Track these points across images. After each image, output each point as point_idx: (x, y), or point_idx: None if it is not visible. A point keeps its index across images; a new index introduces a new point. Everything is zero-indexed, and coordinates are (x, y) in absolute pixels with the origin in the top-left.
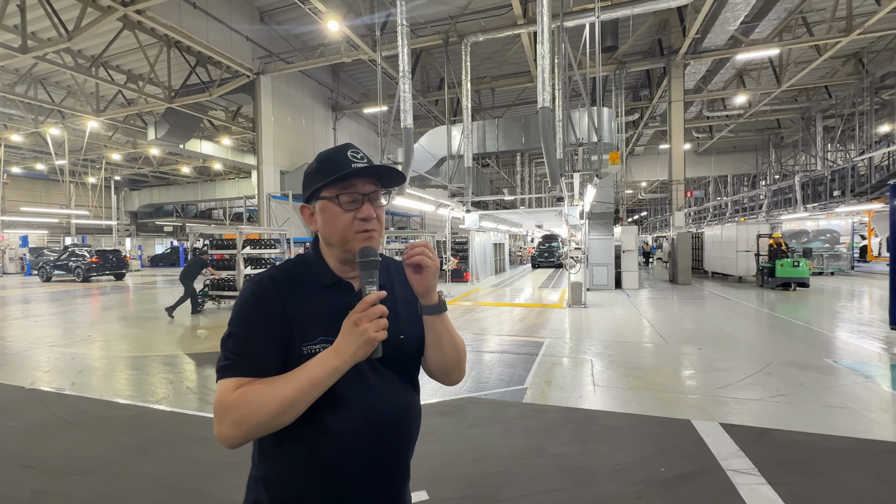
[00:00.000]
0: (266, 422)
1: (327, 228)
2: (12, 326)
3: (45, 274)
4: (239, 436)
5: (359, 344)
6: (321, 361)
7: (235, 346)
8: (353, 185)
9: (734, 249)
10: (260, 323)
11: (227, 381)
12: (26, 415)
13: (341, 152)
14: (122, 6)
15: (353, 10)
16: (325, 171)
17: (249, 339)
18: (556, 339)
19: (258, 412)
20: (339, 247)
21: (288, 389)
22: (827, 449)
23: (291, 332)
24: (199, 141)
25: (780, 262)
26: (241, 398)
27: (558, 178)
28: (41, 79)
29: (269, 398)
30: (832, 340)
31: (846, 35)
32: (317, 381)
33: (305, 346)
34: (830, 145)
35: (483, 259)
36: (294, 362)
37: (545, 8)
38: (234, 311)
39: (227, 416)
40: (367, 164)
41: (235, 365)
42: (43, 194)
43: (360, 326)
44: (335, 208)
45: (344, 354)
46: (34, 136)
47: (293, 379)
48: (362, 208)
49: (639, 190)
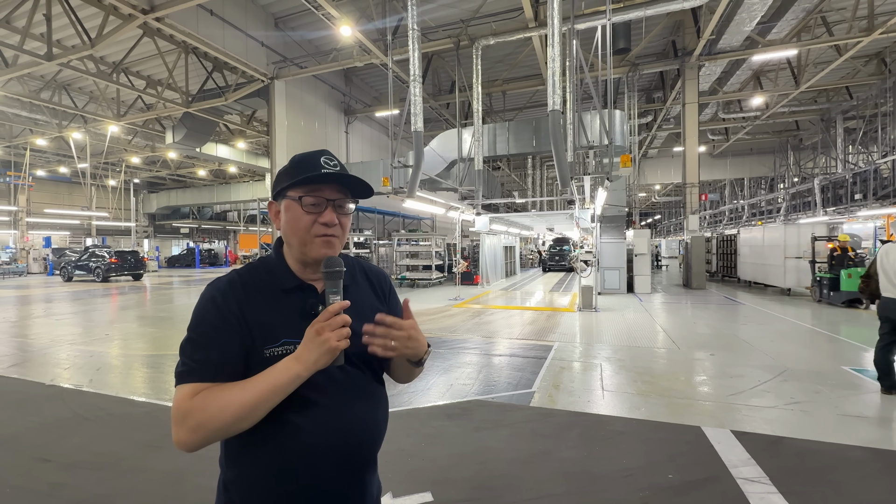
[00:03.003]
0: (224, 427)
1: (288, 228)
2: (35, 325)
3: (67, 274)
4: (196, 441)
5: (321, 353)
6: (283, 369)
7: (193, 352)
8: (320, 190)
9: (781, 255)
10: (218, 328)
11: (184, 387)
12: (46, 410)
13: (315, 157)
14: (142, 14)
15: (366, 16)
16: (296, 171)
17: (207, 345)
18: (566, 342)
19: (216, 417)
20: (297, 248)
21: (247, 395)
22: (842, 458)
23: (251, 335)
24: (215, 144)
25: (847, 271)
26: (198, 403)
27: (569, 181)
28: (65, 85)
29: (228, 404)
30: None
31: (868, 34)
32: (278, 387)
33: (267, 348)
34: (852, 147)
35: (493, 262)
36: (255, 366)
37: (556, 11)
38: (193, 316)
39: (185, 421)
40: (337, 170)
41: (193, 371)
42: (66, 196)
43: (323, 336)
44: (298, 209)
45: (306, 362)
46: (58, 141)
47: (253, 385)
48: (325, 213)
49: (652, 193)
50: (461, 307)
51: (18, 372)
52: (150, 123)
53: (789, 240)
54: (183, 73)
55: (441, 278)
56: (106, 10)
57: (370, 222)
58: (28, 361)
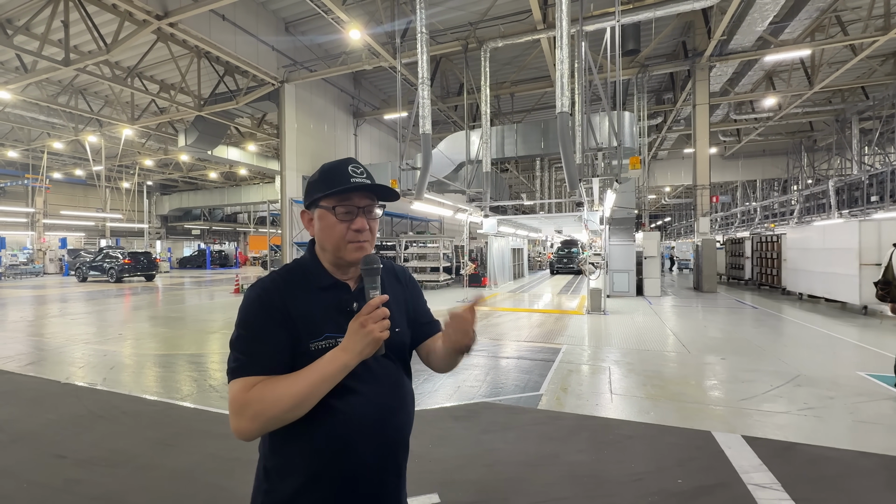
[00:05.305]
0: (280, 416)
1: (323, 235)
2: (51, 324)
3: (82, 274)
4: (256, 429)
5: (366, 343)
6: (331, 359)
7: (245, 348)
8: (351, 199)
9: (852, 261)
10: (265, 324)
11: (239, 381)
12: (61, 408)
13: (343, 166)
14: (156, 20)
15: (375, 19)
16: (327, 181)
17: (257, 340)
18: (574, 345)
19: (273, 407)
20: (332, 253)
21: (300, 385)
22: (857, 466)
23: (297, 330)
24: (226, 147)
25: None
26: (256, 395)
27: (577, 183)
28: (81, 89)
29: (283, 394)
30: None
31: (884, 34)
32: (328, 376)
33: (312, 342)
34: (867, 148)
35: (501, 264)
36: (301, 358)
37: (564, 13)
38: (240, 315)
39: (244, 411)
40: (366, 179)
41: (245, 365)
42: (81, 198)
43: (367, 328)
44: (332, 218)
45: (352, 352)
46: (74, 144)
47: (305, 376)
48: (356, 220)
49: (662, 195)
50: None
51: (35, 370)
52: (163, 127)
53: (866, 240)
54: (195, 78)
55: (449, 280)
56: (121, 17)
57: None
58: (44, 360)
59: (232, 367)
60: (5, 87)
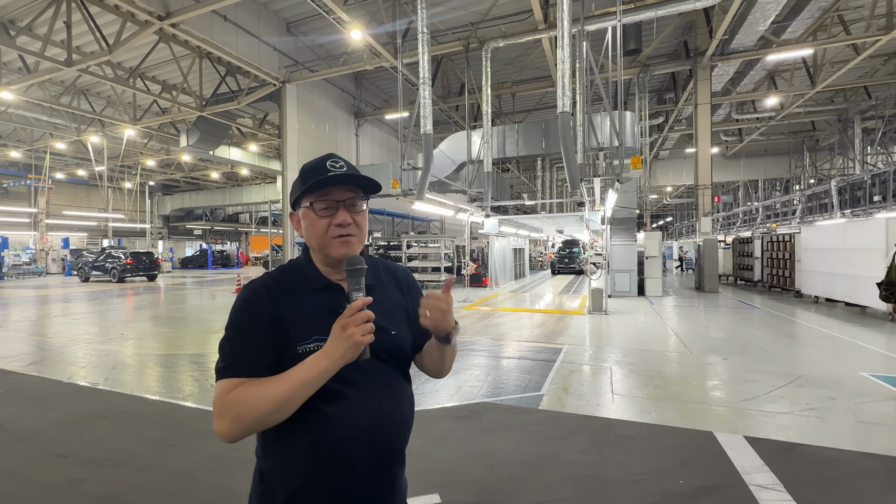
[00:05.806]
0: (261, 418)
1: (307, 234)
2: (54, 324)
3: (84, 274)
4: (236, 431)
5: (346, 347)
6: (312, 363)
7: (231, 349)
8: (330, 193)
9: (878, 262)
10: (251, 327)
11: (224, 382)
12: (63, 407)
13: (321, 162)
14: (158, 20)
15: (376, 19)
16: (306, 179)
17: (243, 342)
18: (575, 345)
19: (254, 409)
20: (319, 251)
21: (281, 388)
22: (860, 467)
23: (285, 332)
24: (228, 147)
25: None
26: (237, 397)
27: (578, 182)
28: (84, 90)
29: (265, 397)
30: None
31: (886, 33)
32: (308, 381)
33: (300, 345)
34: (870, 148)
35: (502, 264)
36: (289, 361)
37: (566, 13)
38: (230, 316)
39: (225, 413)
40: (343, 171)
41: (232, 366)
42: (83, 199)
43: (348, 331)
44: (312, 215)
45: (333, 356)
46: (76, 144)
47: (286, 379)
48: (337, 214)
49: (664, 195)
50: (470, 309)
51: (37, 370)
52: (165, 127)
53: (894, 239)
54: (197, 78)
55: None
56: (123, 17)
57: (379, 224)
58: (46, 360)
59: (218, 368)
60: (8, 88)
